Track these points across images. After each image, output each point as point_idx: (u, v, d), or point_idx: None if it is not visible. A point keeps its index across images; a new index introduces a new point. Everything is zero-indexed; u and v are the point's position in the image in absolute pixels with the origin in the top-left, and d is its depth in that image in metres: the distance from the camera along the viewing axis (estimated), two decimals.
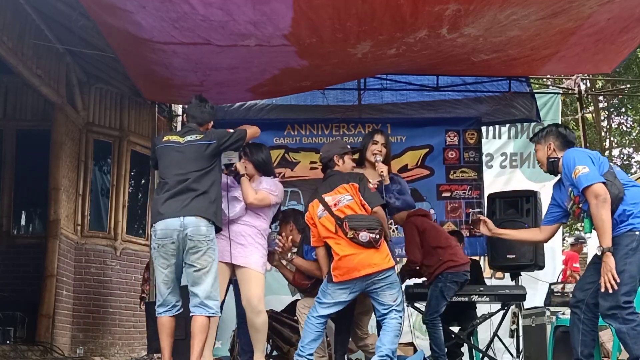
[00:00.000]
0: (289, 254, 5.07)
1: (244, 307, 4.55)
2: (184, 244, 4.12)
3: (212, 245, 4.17)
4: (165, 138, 4.44)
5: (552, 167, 4.15)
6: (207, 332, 4.17)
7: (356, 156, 5.03)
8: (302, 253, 5.18)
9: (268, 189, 4.67)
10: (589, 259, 7.74)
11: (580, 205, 3.96)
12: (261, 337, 4.58)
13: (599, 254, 3.80)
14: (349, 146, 4.94)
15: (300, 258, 5.12)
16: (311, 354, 4.36)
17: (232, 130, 4.46)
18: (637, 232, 3.76)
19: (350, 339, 5.15)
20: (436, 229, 5.40)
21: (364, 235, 4.21)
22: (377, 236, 4.22)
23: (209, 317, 4.15)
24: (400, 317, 4.31)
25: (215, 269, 4.20)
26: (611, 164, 4.07)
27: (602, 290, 3.74)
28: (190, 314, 4.18)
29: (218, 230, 4.28)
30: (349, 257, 4.25)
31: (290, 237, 5.09)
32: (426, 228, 5.23)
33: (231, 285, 4.77)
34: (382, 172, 4.81)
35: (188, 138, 4.37)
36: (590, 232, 3.99)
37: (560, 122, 7.97)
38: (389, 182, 4.91)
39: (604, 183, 3.79)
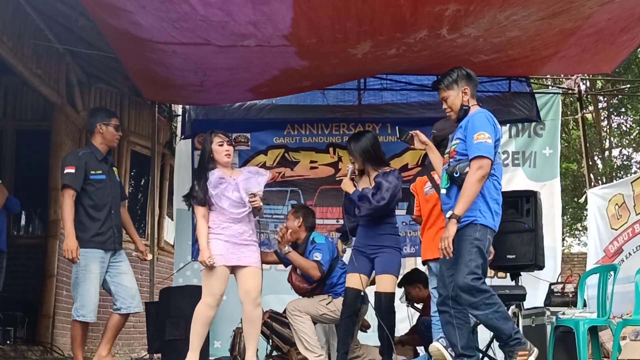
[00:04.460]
0: (286, 247, 5.07)
1: (242, 299, 4.50)
2: None
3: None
4: None
5: (463, 115, 4.01)
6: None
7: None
8: (305, 252, 5.17)
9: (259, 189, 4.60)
10: (588, 260, 7.73)
11: (450, 160, 3.94)
12: (255, 332, 4.54)
13: (447, 217, 3.79)
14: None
15: (296, 253, 5.10)
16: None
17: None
18: (478, 225, 3.78)
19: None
20: None
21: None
22: None
23: None
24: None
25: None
26: (499, 151, 4.02)
27: (441, 256, 3.76)
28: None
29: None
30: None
31: (290, 231, 5.11)
32: None
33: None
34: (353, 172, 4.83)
35: None
36: (445, 187, 3.92)
37: (560, 122, 7.97)
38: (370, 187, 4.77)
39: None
